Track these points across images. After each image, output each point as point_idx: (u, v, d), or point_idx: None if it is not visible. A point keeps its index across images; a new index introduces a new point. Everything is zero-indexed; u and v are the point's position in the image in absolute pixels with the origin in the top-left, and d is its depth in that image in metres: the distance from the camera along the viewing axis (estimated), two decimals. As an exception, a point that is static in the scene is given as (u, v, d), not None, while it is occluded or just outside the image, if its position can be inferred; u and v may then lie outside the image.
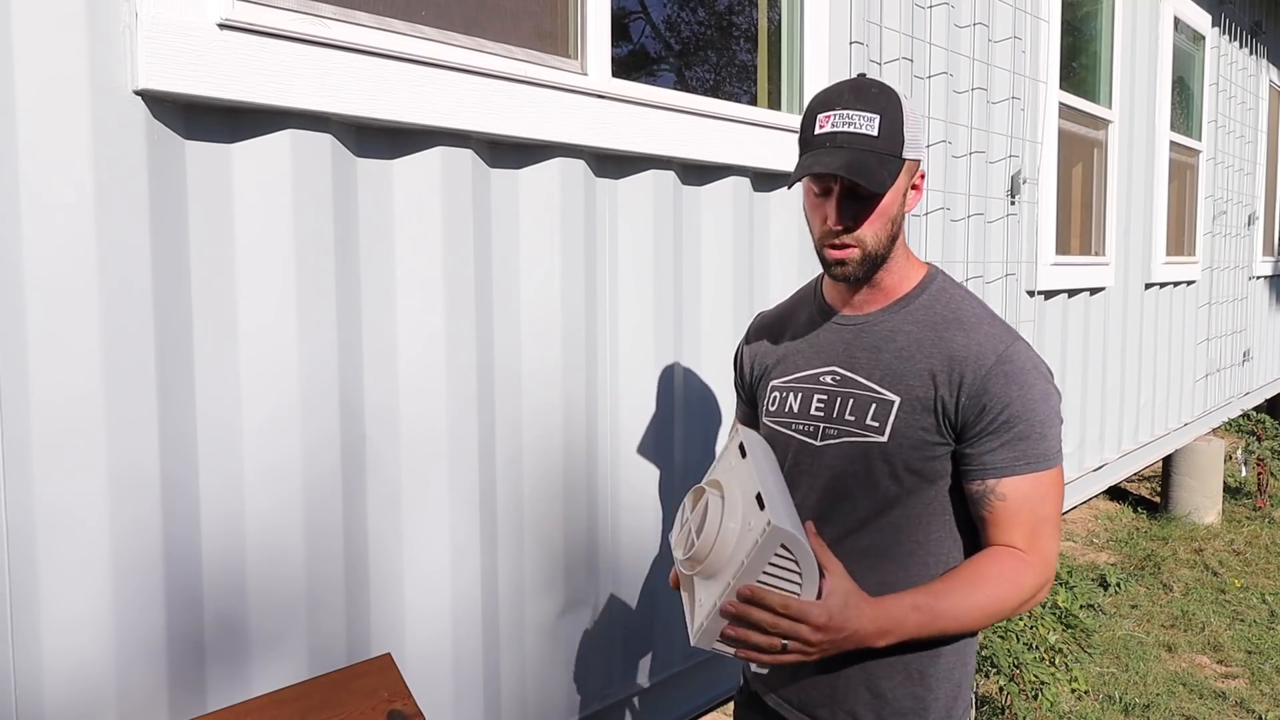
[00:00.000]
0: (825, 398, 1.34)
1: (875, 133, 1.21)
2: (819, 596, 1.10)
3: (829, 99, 1.26)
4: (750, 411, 1.55)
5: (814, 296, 1.45)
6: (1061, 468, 1.26)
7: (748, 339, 1.54)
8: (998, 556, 1.23)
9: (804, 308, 1.46)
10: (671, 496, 2.06)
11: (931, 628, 1.18)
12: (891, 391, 1.27)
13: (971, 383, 1.23)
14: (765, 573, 1.07)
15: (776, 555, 1.06)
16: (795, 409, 1.37)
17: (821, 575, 1.11)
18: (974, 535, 1.31)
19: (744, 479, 1.15)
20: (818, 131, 1.24)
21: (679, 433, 2.06)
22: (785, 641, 1.09)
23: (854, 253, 1.26)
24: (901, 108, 1.24)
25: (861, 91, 1.24)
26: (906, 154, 1.24)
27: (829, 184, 1.25)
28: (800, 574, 1.08)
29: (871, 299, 1.34)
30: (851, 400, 1.31)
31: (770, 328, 1.50)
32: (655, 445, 2.01)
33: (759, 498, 1.09)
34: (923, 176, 1.32)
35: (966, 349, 1.25)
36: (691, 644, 1.15)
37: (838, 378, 1.33)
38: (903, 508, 1.28)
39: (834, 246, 1.27)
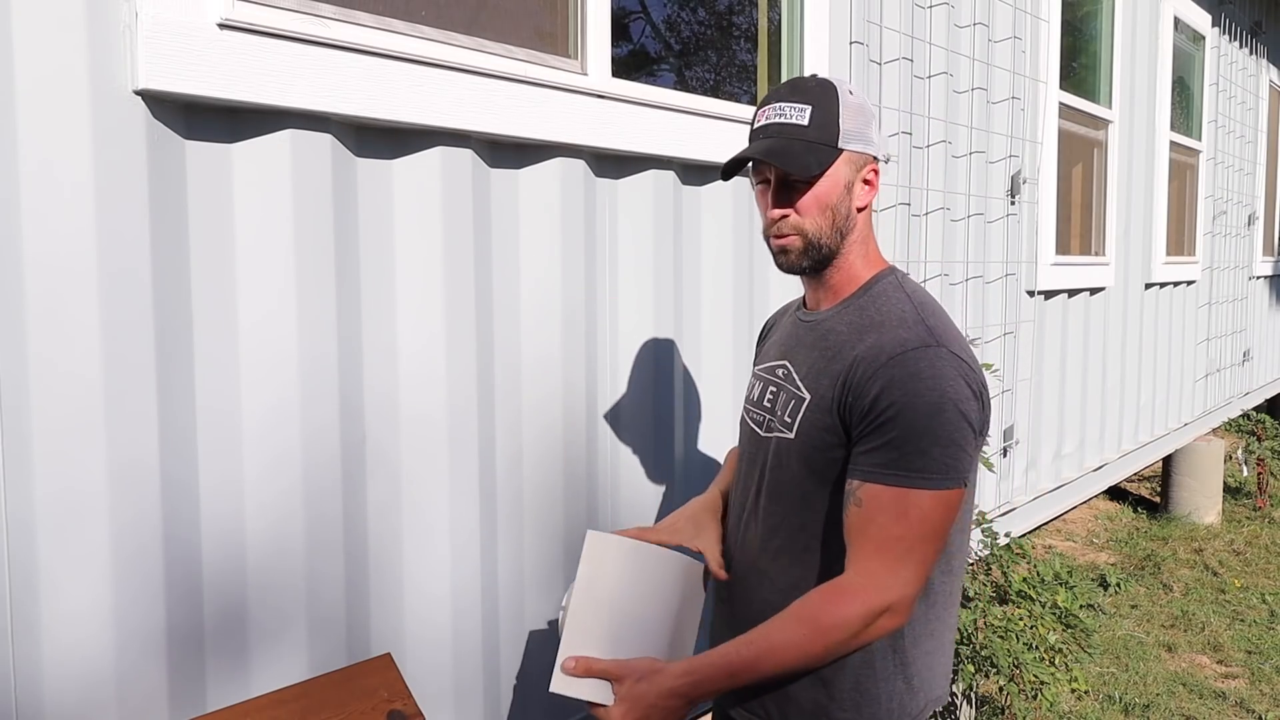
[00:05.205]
0: (773, 390, 1.34)
1: (805, 122, 1.22)
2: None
3: (768, 96, 1.28)
4: None
5: None
6: (950, 493, 1.13)
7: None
8: (815, 593, 1.16)
9: (794, 304, 1.49)
10: (672, 494, 2.06)
11: (746, 675, 1.14)
12: (807, 389, 1.26)
13: (860, 380, 1.17)
14: None
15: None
16: (755, 398, 1.39)
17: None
18: None
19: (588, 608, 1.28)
20: (754, 126, 1.27)
21: (679, 431, 2.06)
22: None
23: (794, 241, 1.26)
24: (839, 100, 1.23)
25: (797, 86, 1.26)
26: (844, 144, 1.23)
27: (766, 174, 1.26)
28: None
29: (825, 297, 1.33)
30: (781, 394, 1.31)
31: (773, 320, 1.55)
32: (656, 443, 2.01)
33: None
34: (876, 172, 1.28)
35: (869, 350, 1.19)
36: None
37: (784, 372, 1.33)
38: (812, 512, 1.24)
39: (776, 236, 1.28)
